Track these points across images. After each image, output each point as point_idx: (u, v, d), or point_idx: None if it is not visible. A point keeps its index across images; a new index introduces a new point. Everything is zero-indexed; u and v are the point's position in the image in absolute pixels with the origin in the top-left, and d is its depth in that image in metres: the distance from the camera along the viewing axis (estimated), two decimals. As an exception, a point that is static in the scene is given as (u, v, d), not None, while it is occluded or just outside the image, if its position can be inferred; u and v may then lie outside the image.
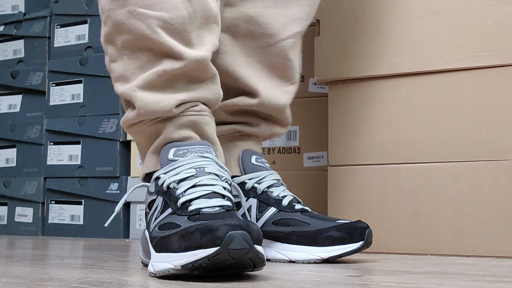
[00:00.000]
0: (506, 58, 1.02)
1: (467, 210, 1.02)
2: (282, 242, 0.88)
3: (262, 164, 0.93)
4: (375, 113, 1.11)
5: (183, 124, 0.78)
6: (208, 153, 0.76)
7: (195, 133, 0.79)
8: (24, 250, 1.19)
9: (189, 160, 0.74)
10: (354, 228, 0.85)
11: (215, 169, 0.75)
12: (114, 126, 1.63)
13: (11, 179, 1.80)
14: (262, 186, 0.91)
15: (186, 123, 0.78)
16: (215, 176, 0.74)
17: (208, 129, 0.80)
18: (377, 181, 1.10)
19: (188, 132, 0.78)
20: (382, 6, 1.11)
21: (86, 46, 1.73)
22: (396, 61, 1.10)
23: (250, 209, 0.91)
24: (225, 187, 0.73)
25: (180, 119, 0.78)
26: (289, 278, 0.68)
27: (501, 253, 0.99)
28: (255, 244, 0.62)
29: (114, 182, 1.62)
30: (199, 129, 0.79)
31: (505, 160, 1.01)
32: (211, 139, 0.80)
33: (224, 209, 0.70)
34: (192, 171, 0.73)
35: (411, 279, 0.67)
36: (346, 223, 0.87)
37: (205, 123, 0.80)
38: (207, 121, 0.80)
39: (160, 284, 0.63)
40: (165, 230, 0.69)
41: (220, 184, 0.73)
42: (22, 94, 1.83)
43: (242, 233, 0.61)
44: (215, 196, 0.72)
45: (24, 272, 0.76)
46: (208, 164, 0.75)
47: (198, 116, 0.79)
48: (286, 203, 0.90)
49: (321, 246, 0.85)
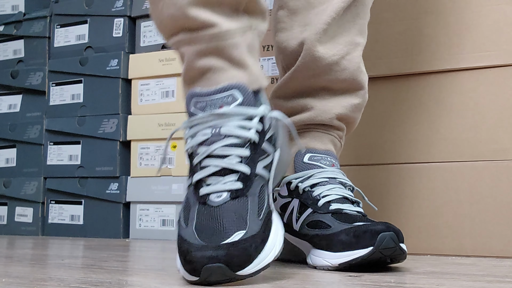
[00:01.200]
0: (506, 58, 1.02)
1: (467, 210, 1.02)
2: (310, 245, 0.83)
3: (316, 162, 0.87)
4: (375, 113, 1.11)
5: (201, 51, 0.71)
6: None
7: (222, 60, 0.71)
8: (24, 250, 1.19)
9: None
10: (363, 231, 0.74)
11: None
12: (114, 126, 1.63)
13: (11, 179, 1.80)
14: (303, 185, 0.85)
15: (208, 49, 0.71)
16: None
17: (235, 52, 0.71)
18: (377, 181, 1.10)
19: (212, 61, 0.71)
20: (382, 6, 1.11)
21: (86, 46, 1.73)
22: (396, 61, 1.10)
23: (292, 210, 0.86)
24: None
25: (198, 46, 0.71)
26: (289, 278, 0.68)
27: (501, 253, 0.99)
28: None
29: (114, 182, 1.62)
30: (226, 54, 0.71)
31: (505, 160, 1.01)
32: (239, 63, 0.71)
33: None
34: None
35: (411, 279, 0.67)
36: (359, 225, 0.76)
37: (231, 47, 0.71)
38: (233, 44, 0.71)
39: (160, 284, 0.63)
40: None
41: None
42: (22, 94, 1.83)
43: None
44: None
45: (24, 272, 0.76)
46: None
47: (221, 40, 0.70)
48: (322, 204, 0.82)
49: (333, 252, 0.76)
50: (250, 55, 0.72)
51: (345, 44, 0.89)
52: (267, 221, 0.66)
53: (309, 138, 0.89)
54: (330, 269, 0.76)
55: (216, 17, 0.70)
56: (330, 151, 0.89)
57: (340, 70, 0.88)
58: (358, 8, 0.90)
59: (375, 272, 0.73)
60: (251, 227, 0.63)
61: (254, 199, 0.67)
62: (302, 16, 0.89)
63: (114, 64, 1.65)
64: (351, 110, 0.91)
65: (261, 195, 0.68)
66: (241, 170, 0.67)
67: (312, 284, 0.64)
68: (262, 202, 0.67)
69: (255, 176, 0.68)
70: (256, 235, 0.63)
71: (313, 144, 0.89)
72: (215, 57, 0.71)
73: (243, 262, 0.60)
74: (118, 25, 1.68)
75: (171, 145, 1.55)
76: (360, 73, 0.90)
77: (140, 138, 1.60)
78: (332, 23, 0.87)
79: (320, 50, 0.86)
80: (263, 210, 0.67)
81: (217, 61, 0.71)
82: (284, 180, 0.87)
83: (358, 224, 0.76)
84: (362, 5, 0.91)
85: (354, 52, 0.89)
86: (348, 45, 0.89)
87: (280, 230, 0.68)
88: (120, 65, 1.64)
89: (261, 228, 0.64)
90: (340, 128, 0.91)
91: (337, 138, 0.92)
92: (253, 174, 0.68)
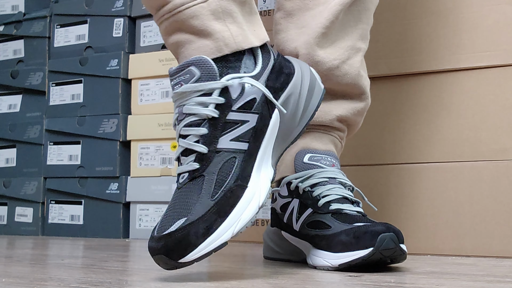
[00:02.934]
0: (506, 58, 1.02)
1: (467, 210, 1.02)
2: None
3: (316, 162, 0.87)
4: (375, 113, 1.11)
5: (167, 31, 0.73)
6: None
7: (187, 33, 0.71)
8: (24, 250, 1.19)
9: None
10: (363, 231, 0.74)
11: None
12: (114, 126, 1.63)
13: (11, 179, 1.80)
14: (303, 185, 0.84)
15: (170, 28, 0.72)
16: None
17: (195, 22, 0.70)
18: (377, 181, 1.10)
19: (179, 36, 0.72)
20: (383, 6, 1.11)
21: (86, 46, 1.73)
22: (396, 61, 1.10)
23: (292, 210, 0.86)
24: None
25: (162, 27, 0.74)
26: (289, 278, 0.68)
27: (501, 253, 0.99)
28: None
29: (114, 182, 1.62)
30: (187, 27, 0.71)
31: (505, 160, 1.01)
32: (203, 31, 0.70)
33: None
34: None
35: (411, 279, 0.67)
36: (359, 226, 0.76)
37: (188, 18, 0.71)
38: (189, 14, 0.71)
39: (160, 284, 0.63)
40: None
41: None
42: (22, 94, 1.83)
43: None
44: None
45: (24, 272, 0.76)
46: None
47: (176, 15, 0.71)
48: (322, 204, 0.82)
49: (333, 252, 0.76)
50: (216, 21, 0.71)
51: (346, 48, 0.88)
52: (226, 198, 0.66)
53: (309, 138, 0.89)
54: (330, 269, 0.76)
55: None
56: (331, 151, 0.89)
57: (342, 75, 0.87)
58: (361, 13, 0.89)
59: (375, 272, 0.73)
60: (195, 212, 0.64)
61: (210, 178, 0.67)
62: (297, 18, 0.89)
63: (114, 64, 1.65)
64: (352, 113, 0.90)
65: (222, 171, 0.67)
66: (197, 150, 0.68)
67: (312, 284, 0.64)
68: (222, 179, 0.67)
69: (216, 153, 0.67)
70: (200, 219, 0.64)
71: (313, 144, 0.89)
72: (179, 31, 0.71)
73: (182, 251, 0.63)
74: (118, 25, 1.68)
75: (171, 145, 1.55)
76: (360, 78, 0.89)
77: (140, 138, 1.60)
78: (332, 27, 0.86)
79: (320, 54, 0.86)
80: (221, 188, 0.66)
81: (181, 35, 0.71)
82: (284, 180, 0.87)
83: (358, 225, 0.76)
84: (365, 10, 0.90)
85: (355, 57, 0.89)
86: (349, 49, 0.88)
87: (251, 201, 0.67)
88: (120, 65, 1.64)
89: (211, 209, 0.64)
90: (341, 129, 0.91)
91: (338, 139, 0.92)
92: (212, 151, 0.68)
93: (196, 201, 0.65)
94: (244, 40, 0.72)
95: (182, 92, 0.69)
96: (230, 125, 0.69)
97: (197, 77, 0.68)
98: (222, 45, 0.70)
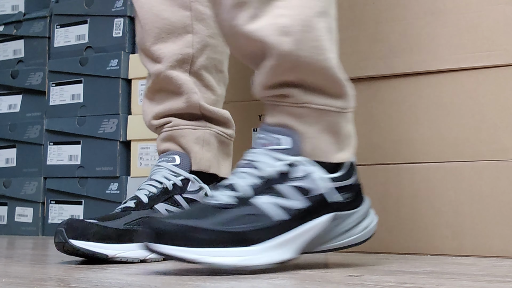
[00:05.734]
0: (506, 58, 1.02)
1: (467, 210, 1.02)
2: None
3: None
4: (375, 113, 1.11)
5: (164, 138, 0.99)
6: (163, 162, 0.98)
7: (175, 144, 0.99)
8: (24, 250, 1.19)
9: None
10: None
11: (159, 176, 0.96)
12: (114, 126, 1.63)
13: (11, 179, 1.80)
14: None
15: (167, 137, 0.99)
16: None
17: (183, 140, 0.98)
18: (377, 181, 1.10)
19: (168, 145, 0.99)
20: (382, 6, 1.11)
21: (86, 46, 1.73)
22: (396, 61, 1.10)
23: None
24: (148, 191, 0.94)
25: (161, 135, 1.00)
26: (289, 278, 0.68)
27: (501, 253, 0.99)
28: (71, 239, 0.83)
29: (114, 182, 1.62)
30: (176, 141, 0.98)
31: (505, 160, 1.01)
32: (186, 148, 0.98)
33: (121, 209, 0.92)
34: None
35: (411, 279, 0.67)
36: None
37: (179, 136, 0.98)
38: (180, 134, 0.98)
39: (160, 284, 0.63)
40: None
41: (142, 188, 0.95)
42: (22, 94, 1.83)
43: (60, 230, 0.83)
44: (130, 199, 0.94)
45: (24, 272, 0.76)
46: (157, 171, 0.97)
47: (172, 131, 0.98)
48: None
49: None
50: (195, 144, 0.97)
51: None
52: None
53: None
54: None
55: (176, 119, 0.99)
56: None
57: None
58: None
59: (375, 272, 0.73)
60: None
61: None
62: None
63: (114, 64, 1.65)
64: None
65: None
66: (139, 198, 0.93)
67: (312, 284, 0.64)
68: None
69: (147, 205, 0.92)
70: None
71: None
72: (170, 142, 0.99)
73: (76, 236, 0.84)
74: (118, 25, 1.68)
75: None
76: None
77: (140, 138, 1.60)
78: None
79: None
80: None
81: (171, 144, 0.99)
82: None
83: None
84: None
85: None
86: None
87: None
88: (120, 65, 1.64)
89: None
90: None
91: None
92: (148, 204, 0.92)
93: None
94: (205, 166, 0.99)
95: (159, 165, 0.99)
96: (171, 199, 0.95)
97: (176, 163, 0.98)
98: (194, 162, 0.99)
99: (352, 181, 0.79)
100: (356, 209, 0.79)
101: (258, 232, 0.70)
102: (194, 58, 0.99)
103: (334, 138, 0.77)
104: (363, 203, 0.81)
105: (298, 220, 0.73)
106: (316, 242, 0.76)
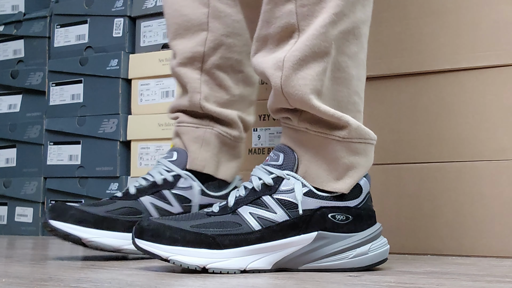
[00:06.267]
0: (506, 58, 1.02)
1: (467, 210, 1.02)
2: None
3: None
4: (375, 113, 1.11)
5: (174, 133, 1.02)
6: (163, 158, 1.00)
7: (180, 141, 1.01)
8: (24, 250, 1.19)
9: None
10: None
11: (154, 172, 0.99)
12: (114, 126, 1.63)
13: (11, 179, 1.80)
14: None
15: (175, 132, 1.02)
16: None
17: (184, 137, 1.00)
18: (377, 181, 1.10)
19: (176, 140, 1.02)
20: (382, 6, 1.11)
21: (86, 46, 1.73)
22: (396, 61, 1.10)
23: None
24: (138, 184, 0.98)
25: (174, 130, 1.03)
26: (289, 278, 0.68)
27: (501, 253, 0.99)
28: (51, 219, 0.88)
29: (114, 182, 1.62)
30: (180, 137, 1.01)
31: (505, 160, 1.01)
32: (186, 146, 0.99)
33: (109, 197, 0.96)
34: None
35: (411, 279, 0.67)
36: None
37: (182, 133, 1.00)
38: (183, 131, 1.00)
39: (160, 284, 0.63)
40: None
41: (136, 181, 0.98)
42: (22, 94, 1.83)
43: (45, 211, 0.89)
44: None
45: (24, 272, 0.76)
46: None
47: (178, 127, 1.01)
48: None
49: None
50: (194, 143, 0.99)
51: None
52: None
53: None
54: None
55: (182, 116, 1.01)
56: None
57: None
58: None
59: (375, 272, 0.73)
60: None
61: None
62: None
63: (114, 64, 1.65)
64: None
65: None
66: (129, 189, 0.97)
67: (312, 284, 0.64)
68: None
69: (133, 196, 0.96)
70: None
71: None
72: (177, 138, 1.01)
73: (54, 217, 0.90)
74: (118, 25, 1.68)
75: (171, 145, 1.55)
76: None
77: (140, 138, 1.60)
78: None
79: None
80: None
81: (177, 140, 1.01)
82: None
83: None
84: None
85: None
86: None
87: None
88: (120, 65, 1.64)
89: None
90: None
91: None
92: (135, 195, 0.96)
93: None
94: (200, 166, 1.01)
95: (158, 161, 1.01)
96: (160, 195, 0.97)
97: (173, 159, 1.01)
98: (190, 160, 1.00)
99: (352, 203, 0.77)
100: (353, 233, 0.76)
101: (230, 238, 0.72)
102: (205, 56, 0.99)
103: (331, 166, 0.76)
104: (369, 229, 0.78)
105: (274, 233, 0.73)
106: (300, 259, 0.75)
